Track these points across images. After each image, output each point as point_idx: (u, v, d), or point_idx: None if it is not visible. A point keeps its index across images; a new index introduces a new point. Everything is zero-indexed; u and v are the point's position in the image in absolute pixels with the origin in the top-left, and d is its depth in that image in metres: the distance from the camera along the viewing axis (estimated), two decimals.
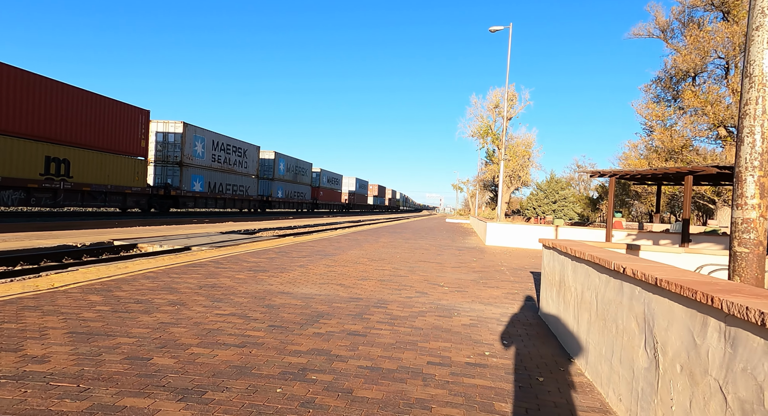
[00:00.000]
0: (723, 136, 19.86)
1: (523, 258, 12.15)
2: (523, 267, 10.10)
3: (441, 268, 9.17)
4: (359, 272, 8.01)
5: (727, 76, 19.00)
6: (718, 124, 19.63)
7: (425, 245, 14.78)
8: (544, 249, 5.38)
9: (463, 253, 12.55)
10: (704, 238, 12.94)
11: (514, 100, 45.84)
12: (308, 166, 52.30)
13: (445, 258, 10.99)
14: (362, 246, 13.31)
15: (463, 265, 9.83)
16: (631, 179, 15.27)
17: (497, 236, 16.67)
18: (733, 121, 19.00)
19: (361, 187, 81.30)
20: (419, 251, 12.56)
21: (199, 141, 29.61)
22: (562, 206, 39.31)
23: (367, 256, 10.59)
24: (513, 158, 46.43)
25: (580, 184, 67.87)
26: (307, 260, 9.27)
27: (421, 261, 10.23)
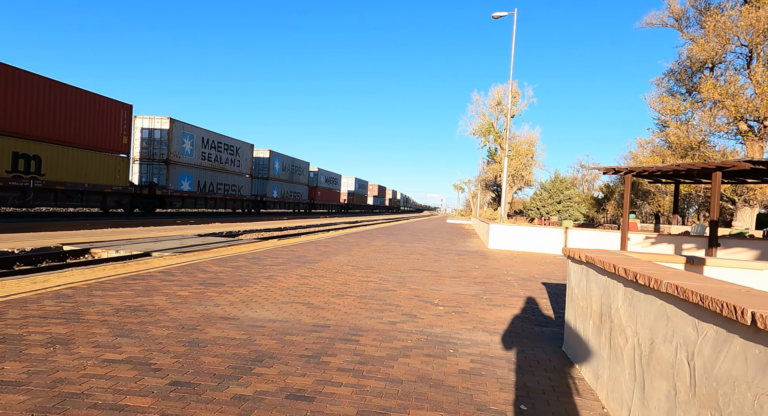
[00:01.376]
0: (744, 131, 18.44)
1: (532, 264, 10.76)
2: (533, 276, 8.71)
3: (437, 279, 7.78)
4: (337, 285, 6.63)
5: (750, 66, 17.59)
6: (738, 118, 18.22)
7: (422, 249, 13.40)
8: (572, 264, 4.00)
9: (463, 259, 11.17)
10: (734, 242, 11.58)
11: (517, 97, 44.43)
12: (305, 165, 50.96)
13: (443, 266, 9.61)
14: (351, 250, 11.93)
15: (463, 274, 8.44)
16: (649, 176, 13.88)
17: (501, 239, 15.27)
18: (757, 114, 17.61)
19: (361, 187, 79.93)
20: (414, 256, 11.17)
21: (187, 138, 28.29)
22: (567, 206, 37.88)
23: (353, 263, 9.21)
24: (516, 157, 45.03)
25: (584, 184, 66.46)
26: (280, 269, 7.89)
27: (414, 269, 8.84)
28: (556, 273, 9.41)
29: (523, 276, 8.59)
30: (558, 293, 6.98)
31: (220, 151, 32.71)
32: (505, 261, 11.33)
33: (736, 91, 17.53)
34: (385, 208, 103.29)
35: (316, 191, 55.25)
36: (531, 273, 9.20)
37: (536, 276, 8.68)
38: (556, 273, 9.29)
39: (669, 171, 12.74)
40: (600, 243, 13.84)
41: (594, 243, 13.94)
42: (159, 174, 26.40)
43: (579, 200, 38.87)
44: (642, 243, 13.14)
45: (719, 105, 18.15)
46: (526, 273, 9.06)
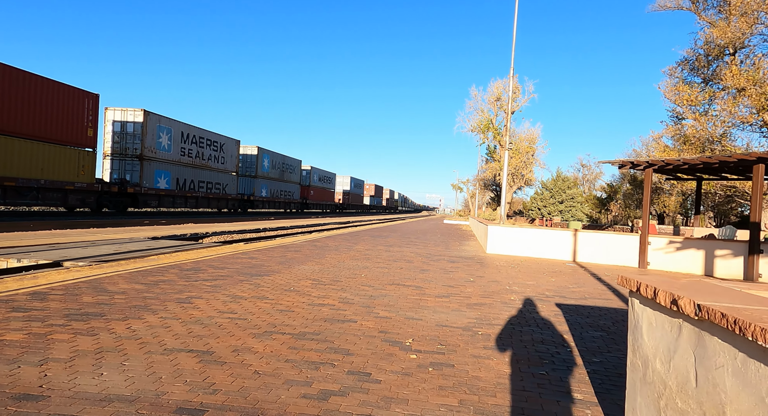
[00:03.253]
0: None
1: (538, 275, 8.88)
2: (543, 293, 6.83)
3: (419, 299, 5.91)
4: (274, 314, 4.76)
5: None
6: (763, 108, 16.39)
7: (410, 254, 11.52)
8: (647, 311, 2.13)
9: (456, 267, 9.30)
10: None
11: (518, 92, 42.59)
12: (297, 164, 49.06)
13: (430, 278, 7.73)
14: (324, 257, 10.05)
15: (453, 292, 6.57)
16: (673, 171, 12.04)
17: (500, 242, 13.41)
18: None
19: (357, 187, 78.05)
20: (398, 265, 9.30)
21: (164, 132, 26.37)
22: (570, 206, 36.05)
23: (316, 276, 7.33)
24: (516, 155, 43.19)
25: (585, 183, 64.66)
26: (211, 286, 6.01)
27: (393, 284, 6.97)
28: (570, 288, 7.55)
29: (531, 294, 6.72)
30: (582, 324, 5.11)
31: (203, 147, 30.80)
32: (506, 270, 9.46)
33: (764, 76, 15.72)
34: (382, 208, 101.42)
35: (308, 190, 53.36)
36: (539, 288, 7.33)
37: (547, 294, 6.80)
38: (571, 289, 7.42)
39: (697, 164, 10.89)
40: (616, 249, 11.98)
41: (609, 248, 12.08)
42: (132, 170, 24.48)
43: (582, 200, 37.04)
44: (665, 249, 11.29)
45: (743, 93, 16.32)
46: (534, 289, 7.18)
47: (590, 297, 6.71)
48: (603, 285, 7.93)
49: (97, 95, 20.96)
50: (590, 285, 7.87)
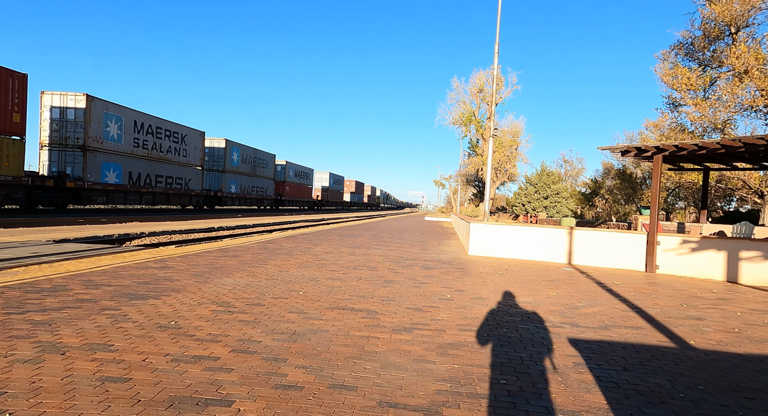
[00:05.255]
0: None
1: (534, 285, 6.93)
2: (547, 319, 4.87)
3: (366, 337, 3.88)
4: (82, 390, 2.64)
5: None
6: (766, 95, 14.89)
7: (377, 258, 9.48)
8: None
9: (431, 277, 7.29)
10: None
11: (500, 84, 41.00)
12: (270, 158, 46.45)
13: (394, 294, 5.70)
14: (265, 264, 7.93)
15: (420, 321, 4.55)
16: (687, 157, 10.30)
17: (485, 242, 11.50)
18: None
19: (336, 183, 75.61)
20: (357, 274, 7.24)
21: (113, 120, 23.65)
22: (555, 202, 34.58)
23: (232, 296, 5.22)
24: (499, 149, 41.60)
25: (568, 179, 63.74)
26: (40, 322, 3.84)
27: (336, 307, 4.91)
28: (579, 307, 5.61)
29: (529, 321, 4.74)
30: (625, 388, 3.15)
31: (161, 138, 28.10)
32: (492, 280, 7.50)
33: None
34: (363, 205, 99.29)
35: (283, 186, 50.82)
36: (540, 308, 5.36)
37: (552, 320, 4.84)
38: (581, 309, 5.48)
39: (717, 148, 9.12)
40: (618, 249, 10.18)
41: (609, 249, 10.27)
42: (74, 162, 21.77)
43: (567, 195, 35.65)
44: (677, 250, 9.52)
45: (747, 75, 14.78)
46: (532, 311, 5.21)
47: (612, 325, 4.78)
48: (620, 303, 6.03)
49: (25, 75, 18.23)
50: (604, 303, 5.96)
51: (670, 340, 4.24)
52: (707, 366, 3.53)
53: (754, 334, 4.58)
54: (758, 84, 14.92)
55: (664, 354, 3.81)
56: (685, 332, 4.56)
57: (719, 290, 7.51)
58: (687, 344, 4.13)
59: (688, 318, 5.22)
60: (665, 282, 8.15)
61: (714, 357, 3.77)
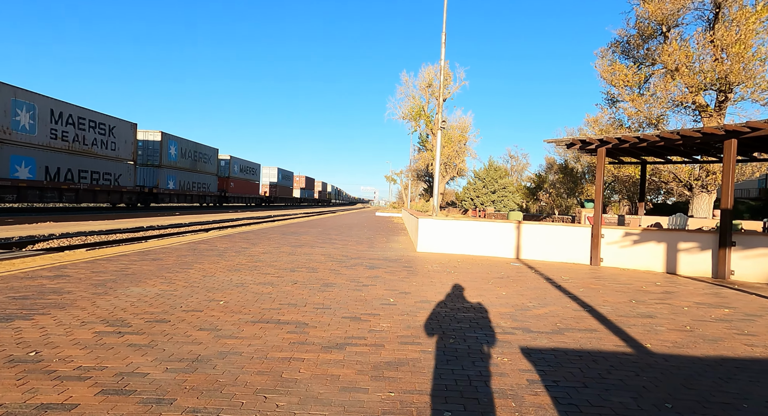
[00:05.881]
0: (702, 106, 15.99)
1: (483, 283, 6.54)
2: (497, 324, 4.43)
3: (288, 359, 3.23)
4: None
5: (714, 27, 15.02)
6: (696, 89, 15.68)
7: (319, 258, 8.76)
8: None
9: (375, 277, 6.70)
10: (751, 240, 8.32)
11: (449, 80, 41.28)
12: (213, 152, 43.95)
13: (331, 301, 5.05)
14: (190, 268, 6.99)
15: (356, 334, 3.94)
16: (631, 149, 10.41)
17: (433, 238, 11.12)
18: (720, 86, 15.09)
19: (285, 179, 73.39)
20: (293, 277, 6.50)
21: (23, 108, 21.01)
22: (502, 196, 35.31)
23: (135, 311, 4.36)
24: (448, 144, 41.93)
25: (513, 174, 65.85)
26: None
27: (259, 320, 4.20)
28: (531, 307, 5.24)
29: (478, 327, 4.27)
30: (588, 412, 2.69)
31: (84, 129, 25.48)
32: (440, 279, 7.04)
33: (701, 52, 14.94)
34: (314, 201, 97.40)
35: (228, 182, 48.41)
36: (489, 310, 4.92)
37: (502, 324, 4.39)
38: (533, 311, 5.11)
39: (657, 141, 9.22)
40: (563, 242, 10.14)
41: (555, 243, 10.21)
42: None
43: (513, 190, 36.53)
44: (620, 243, 9.59)
45: (677, 73, 15.45)
46: (481, 314, 4.76)
47: (566, 328, 4.41)
48: (571, 301, 5.75)
49: None
50: (555, 302, 5.64)
51: (626, 344, 3.91)
52: (669, 376, 3.19)
53: (705, 332, 4.38)
54: (687, 81, 15.64)
55: (623, 362, 3.45)
56: (640, 333, 4.27)
57: (662, 283, 7.51)
58: (644, 348, 3.81)
59: (640, 316, 4.99)
60: (611, 276, 8.09)
61: (674, 363, 3.45)
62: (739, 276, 8.11)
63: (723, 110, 16.06)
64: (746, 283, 7.80)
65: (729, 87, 14.94)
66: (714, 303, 5.89)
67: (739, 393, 2.91)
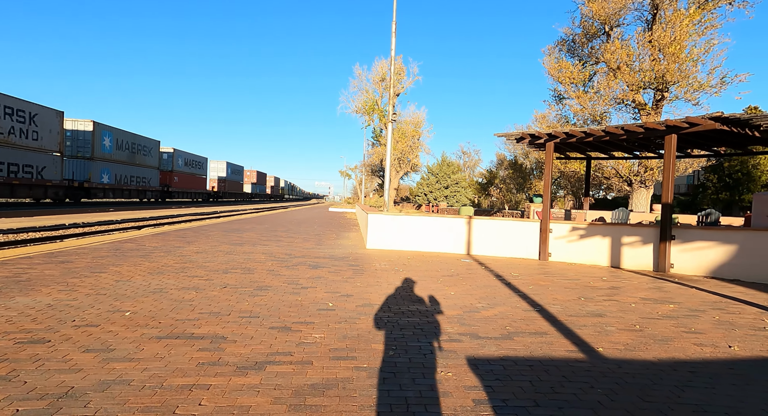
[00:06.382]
0: (641, 104, 16.67)
1: (432, 282, 6.18)
2: (444, 330, 4.04)
3: (190, 386, 2.62)
4: None
5: (652, 28, 15.64)
6: (635, 88, 16.31)
7: (259, 257, 8.07)
8: None
9: (317, 278, 6.16)
10: (689, 234, 8.56)
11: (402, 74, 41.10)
12: (154, 145, 41.20)
13: (260, 308, 4.47)
14: (103, 271, 6.13)
15: (283, 348, 3.42)
16: (577, 144, 10.50)
17: (384, 234, 10.71)
18: (657, 85, 15.76)
19: (235, 173, 70.54)
20: (225, 279, 5.82)
21: None
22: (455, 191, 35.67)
23: (5, 326, 3.54)
24: (402, 139, 41.82)
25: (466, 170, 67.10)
26: None
27: (165, 337, 3.56)
28: (479, 308, 4.92)
29: (423, 331, 3.86)
30: None
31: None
32: (387, 277, 6.61)
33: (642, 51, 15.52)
34: (266, 197, 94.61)
35: (171, 176, 45.68)
36: (436, 310, 4.53)
37: (449, 330, 4.02)
38: (482, 312, 4.79)
39: (602, 136, 9.27)
40: (513, 238, 10.05)
41: (505, 238, 10.11)
42: None
43: (466, 185, 37.03)
44: (567, 237, 9.62)
45: (620, 71, 15.98)
46: (429, 314, 4.36)
47: (516, 331, 4.10)
48: (521, 300, 5.49)
49: None
50: (505, 301, 5.37)
51: (578, 349, 3.64)
52: (625, 386, 2.91)
53: (655, 331, 4.23)
54: (627, 79, 16.20)
55: (576, 371, 3.14)
56: (591, 335, 4.03)
57: (608, 277, 7.51)
58: (596, 353, 3.55)
59: (590, 315, 4.79)
60: (559, 271, 8.02)
61: (628, 370, 3.19)
62: (678, 269, 8.31)
63: (659, 109, 16.82)
64: (685, 276, 7.99)
65: (665, 86, 15.63)
66: (659, 298, 5.87)
67: (698, 405, 2.67)
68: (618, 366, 3.27)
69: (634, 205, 17.87)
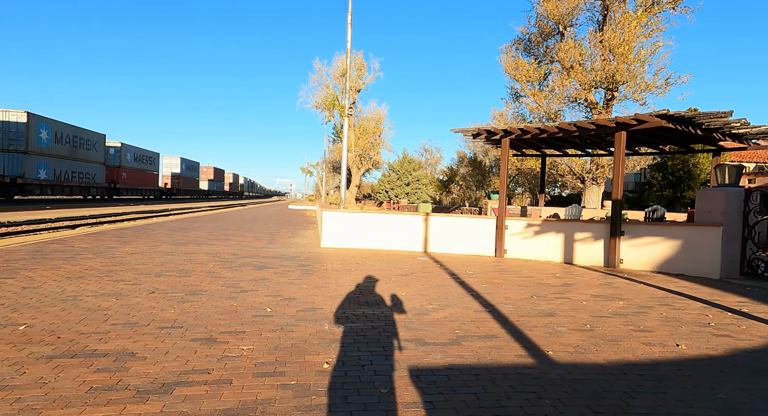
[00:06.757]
0: (593, 103, 17.16)
1: (385, 282, 5.88)
2: (389, 332, 3.72)
3: None
4: None
5: (603, 29, 16.08)
6: (588, 86, 16.74)
7: (204, 257, 7.48)
8: None
9: (261, 280, 5.70)
10: (639, 229, 8.72)
11: (363, 70, 40.67)
12: (99, 138, 38.62)
13: (190, 314, 4.01)
14: (16, 275, 5.41)
15: (201, 363, 2.98)
16: (533, 140, 10.53)
17: (339, 232, 10.33)
18: (608, 84, 16.23)
19: (190, 169, 67.66)
20: (156, 283, 5.27)
21: None
22: (416, 188, 35.71)
23: None
24: (363, 135, 41.41)
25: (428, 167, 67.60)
26: None
27: (59, 355, 3.04)
28: (429, 310, 4.66)
29: (366, 338, 3.54)
30: None
31: None
32: (337, 277, 6.25)
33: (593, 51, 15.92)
34: (224, 194, 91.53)
35: (119, 172, 43.11)
36: (382, 314, 4.22)
37: (400, 334, 3.71)
38: (432, 315, 4.52)
39: (555, 132, 9.30)
40: (470, 234, 9.95)
41: (462, 235, 9.99)
42: None
43: (427, 182, 37.16)
44: (523, 234, 9.60)
45: (573, 70, 16.34)
46: (374, 318, 4.04)
47: (465, 335, 3.85)
48: (473, 300, 5.29)
49: None
50: (456, 302, 5.14)
51: (528, 352, 3.43)
52: (575, 395, 2.70)
53: (605, 331, 4.11)
54: (580, 78, 16.59)
55: (525, 379, 2.92)
56: (542, 337, 3.85)
57: (561, 274, 7.49)
58: (546, 357, 3.35)
59: (541, 314, 4.64)
60: (514, 268, 7.94)
61: (577, 376, 3.00)
62: (628, 265, 8.45)
63: (610, 108, 17.35)
64: (633, 271, 8.11)
65: (615, 86, 16.12)
66: (609, 294, 5.84)
67: (648, 414, 2.49)
68: (568, 371, 3.08)
69: (586, 201, 18.38)
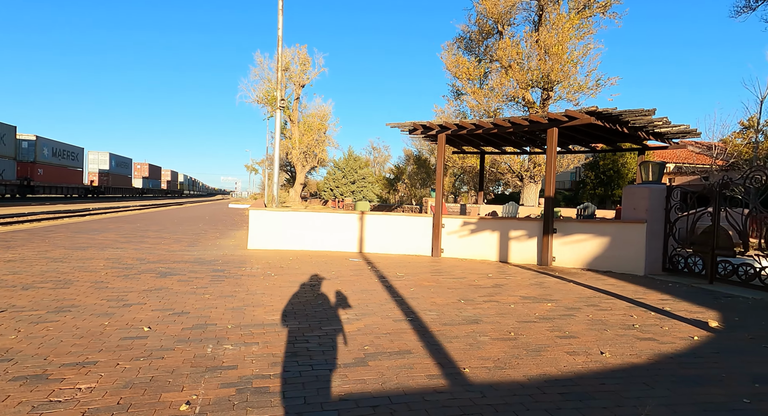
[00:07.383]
0: (530, 102, 17.48)
1: (305, 289, 5.26)
2: (290, 361, 3.13)
3: None
4: None
5: (539, 29, 16.38)
6: (525, 86, 17.03)
7: (101, 263, 6.47)
8: None
9: (156, 290, 4.91)
10: (569, 227, 8.72)
11: (307, 65, 39.58)
12: (7, 130, 34.57)
13: (37, 339, 3.16)
14: None
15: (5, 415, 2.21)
16: (467, 137, 10.31)
17: (268, 232, 9.58)
18: (544, 84, 16.56)
19: (121, 166, 62.79)
20: (18, 298, 4.31)
21: None
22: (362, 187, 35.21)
23: None
24: (307, 132, 40.28)
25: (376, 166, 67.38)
26: None
27: None
28: (347, 321, 4.12)
29: (261, 363, 2.92)
30: None
31: None
32: (251, 284, 5.55)
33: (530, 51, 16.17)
34: (161, 192, 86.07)
35: (33, 168, 38.96)
36: (287, 330, 3.62)
37: (299, 358, 3.12)
38: (345, 319, 3.98)
39: (491, 128, 9.11)
40: (407, 233, 9.56)
41: (399, 234, 9.58)
42: None
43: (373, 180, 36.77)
44: (459, 233, 9.35)
45: (511, 69, 16.53)
46: (278, 335, 3.43)
47: (376, 352, 3.34)
48: (396, 307, 4.82)
49: None
50: (377, 310, 4.64)
51: (442, 371, 2.98)
52: None
53: (529, 339, 3.77)
54: (518, 77, 16.82)
55: (430, 408, 2.45)
56: (461, 350, 3.43)
57: (494, 274, 7.25)
58: (461, 376, 2.92)
59: (465, 322, 4.25)
60: (448, 269, 7.62)
61: (492, 399, 2.58)
62: (560, 262, 8.41)
63: (546, 108, 17.77)
64: (565, 269, 8.07)
65: (551, 86, 16.49)
66: (538, 295, 5.61)
67: None
68: (482, 393, 2.65)
69: (525, 199, 18.73)
